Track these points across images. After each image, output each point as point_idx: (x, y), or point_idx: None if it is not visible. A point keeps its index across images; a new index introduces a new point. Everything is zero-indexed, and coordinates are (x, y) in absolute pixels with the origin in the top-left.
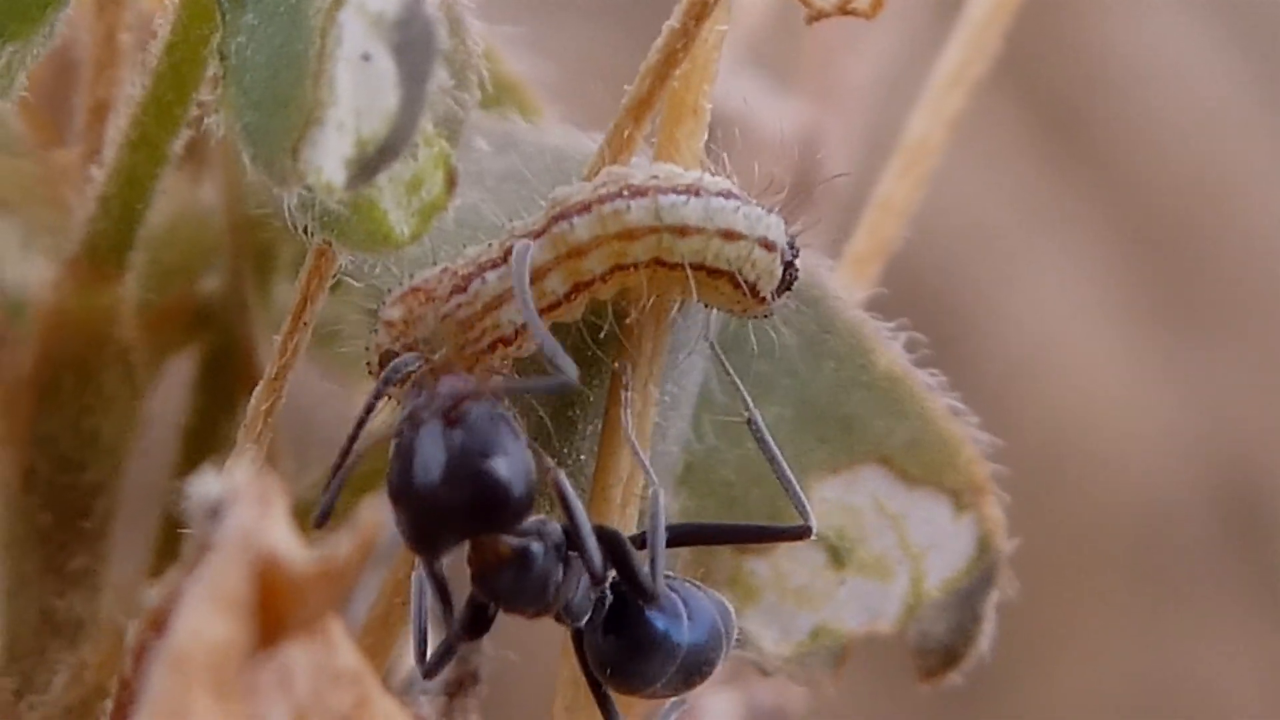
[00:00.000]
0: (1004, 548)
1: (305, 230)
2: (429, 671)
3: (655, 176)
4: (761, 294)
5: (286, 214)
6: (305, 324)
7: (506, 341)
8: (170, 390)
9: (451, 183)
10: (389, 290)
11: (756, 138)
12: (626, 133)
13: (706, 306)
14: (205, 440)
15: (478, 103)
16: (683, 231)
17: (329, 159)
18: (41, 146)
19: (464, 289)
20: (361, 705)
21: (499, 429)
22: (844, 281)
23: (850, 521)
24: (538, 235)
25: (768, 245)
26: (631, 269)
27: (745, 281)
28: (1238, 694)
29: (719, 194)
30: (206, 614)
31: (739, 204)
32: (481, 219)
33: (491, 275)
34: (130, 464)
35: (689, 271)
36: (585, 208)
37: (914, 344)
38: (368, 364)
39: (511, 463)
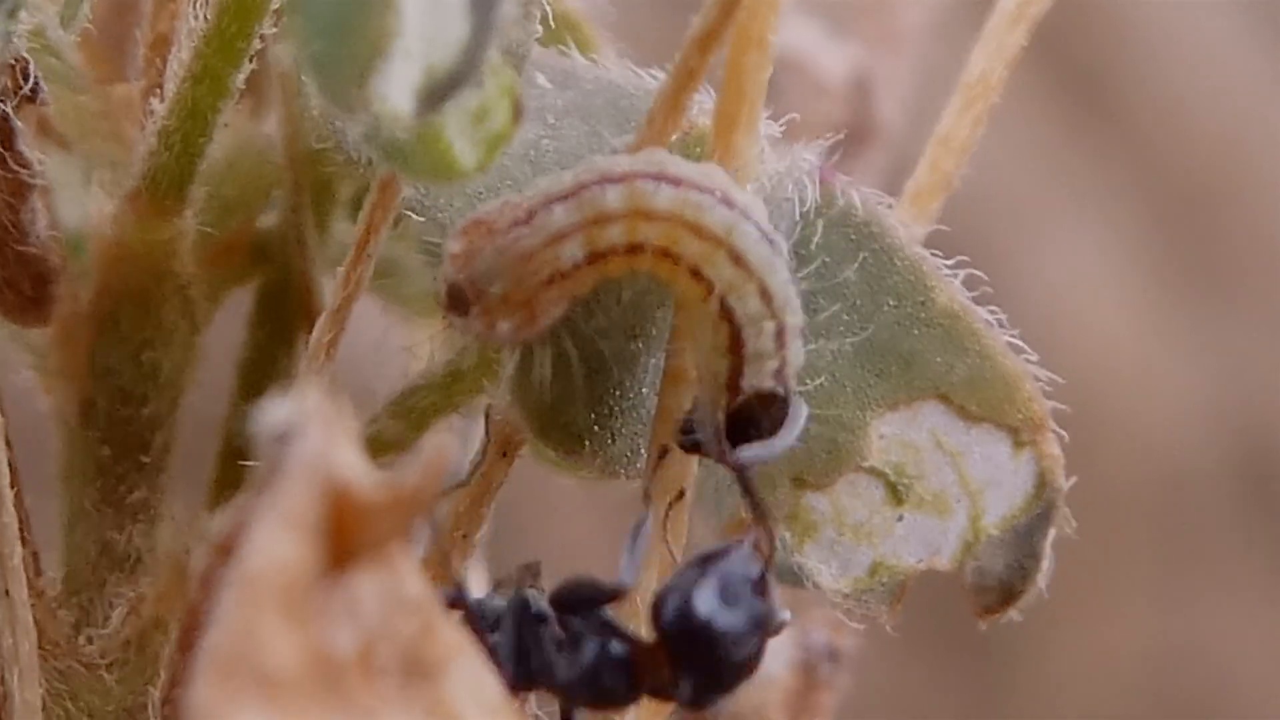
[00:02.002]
0: (1062, 485)
1: (369, 162)
2: None
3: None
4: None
5: (350, 145)
6: (369, 256)
7: (565, 276)
8: (228, 325)
9: (517, 113)
10: (453, 223)
11: (813, 81)
12: (692, 64)
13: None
14: (263, 375)
15: (538, 39)
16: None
17: (397, 88)
18: (102, 81)
19: (527, 221)
20: (427, 633)
21: None
22: (903, 219)
23: (909, 458)
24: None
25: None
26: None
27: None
28: (1254, 659)
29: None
30: (277, 536)
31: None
32: (542, 155)
33: (559, 208)
34: (189, 398)
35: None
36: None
37: (972, 281)
38: (435, 295)
39: None
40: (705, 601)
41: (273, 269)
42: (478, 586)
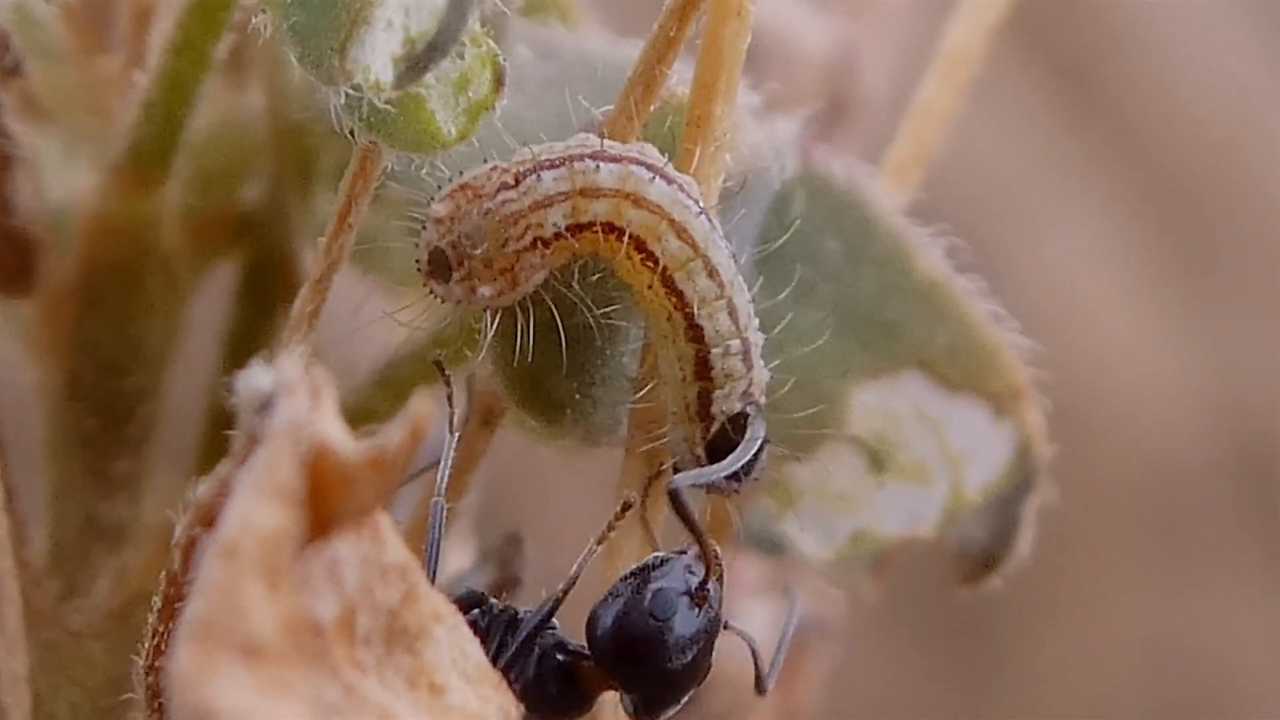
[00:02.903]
0: (1044, 453)
1: (351, 132)
2: None
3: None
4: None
5: (332, 115)
6: (350, 226)
7: (546, 243)
8: (212, 299)
9: (499, 82)
10: (439, 188)
11: (794, 52)
12: (670, 34)
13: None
14: (247, 348)
15: (519, 9)
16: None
17: (377, 57)
18: (84, 53)
19: (515, 185)
20: (409, 600)
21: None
22: (884, 188)
23: (890, 426)
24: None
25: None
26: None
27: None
28: (1249, 651)
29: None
30: (258, 503)
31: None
32: (523, 125)
33: (547, 174)
34: (173, 371)
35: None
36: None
37: (954, 250)
38: (417, 261)
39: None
40: (633, 617)
41: (255, 242)
42: (464, 558)
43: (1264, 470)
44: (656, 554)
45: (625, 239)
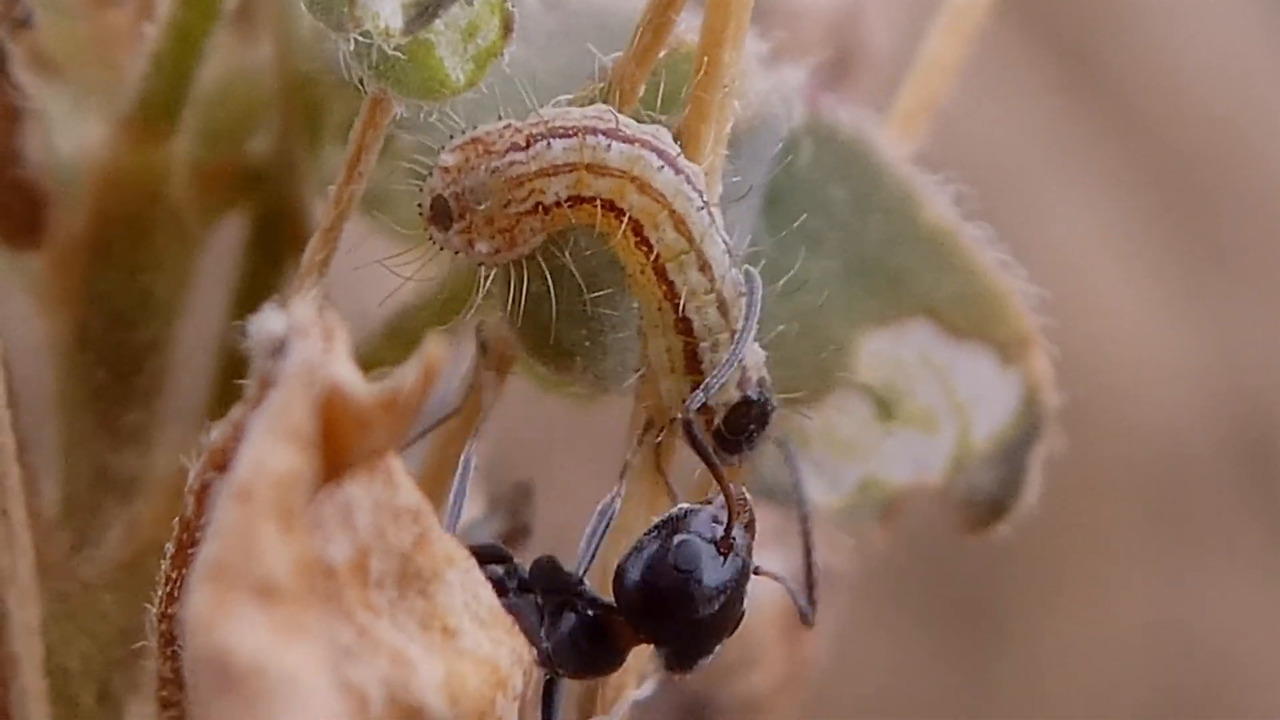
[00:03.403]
0: (1051, 401)
1: (360, 81)
2: None
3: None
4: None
5: (341, 64)
6: (360, 174)
7: (546, 209)
8: (221, 252)
9: (507, 29)
10: (450, 137)
11: (800, 2)
12: None
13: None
14: (256, 300)
15: None
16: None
17: (386, 3)
18: (93, 6)
19: (526, 147)
20: (422, 543)
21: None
22: (891, 137)
23: (898, 374)
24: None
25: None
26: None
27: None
28: (1252, 635)
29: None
30: (271, 446)
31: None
32: (532, 76)
33: (558, 143)
34: (183, 323)
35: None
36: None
37: (961, 198)
38: (419, 205)
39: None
40: (660, 569)
41: (265, 195)
42: (473, 507)
43: (1267, 453)
44: (681, 505)
45: (624, 220)
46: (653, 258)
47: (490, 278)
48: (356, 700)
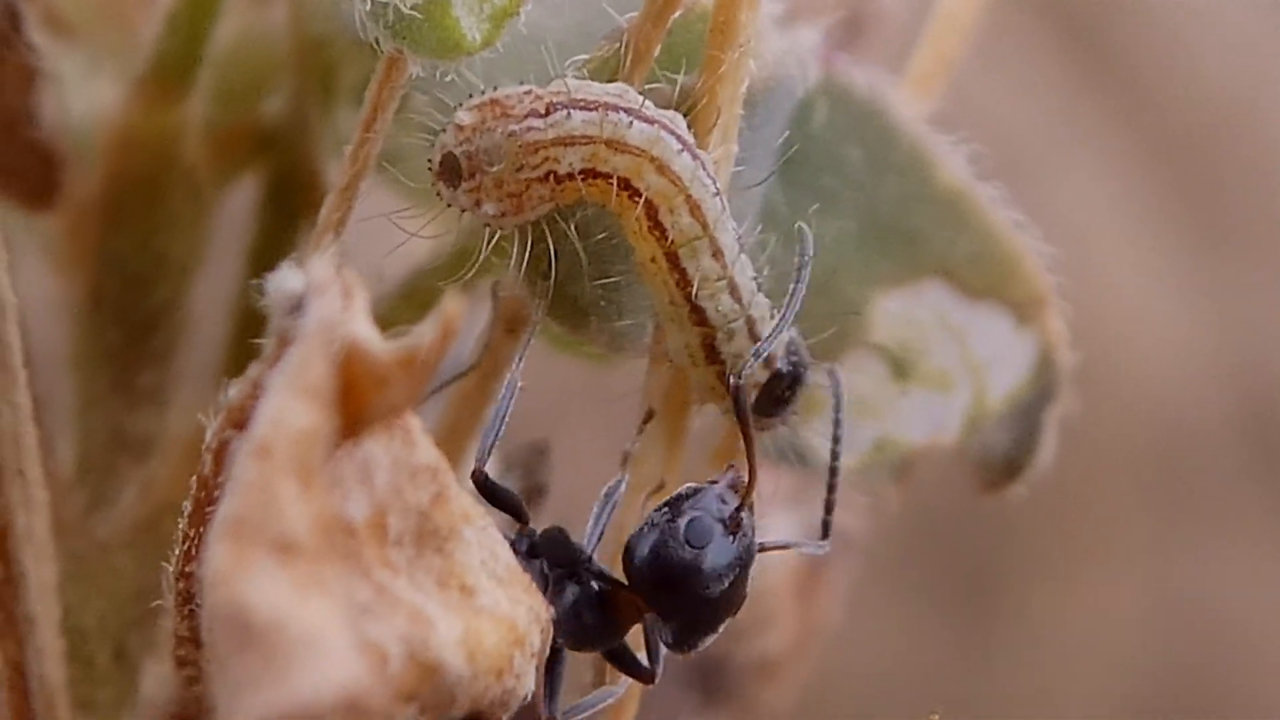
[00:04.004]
0: (1066, 360)
1: (376, 41)
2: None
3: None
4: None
5: (357, 24)
6: (375, 134)
7: (559, 179)
8: (236, 213)
9: None
10: (469, 96)
11: None
12: None
13: None
14: (270, 261)
15: None
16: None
17: None
18: None
19: (545, 115)
20: (439, 501)
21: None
22: (906, 98)
23: (913, 334)
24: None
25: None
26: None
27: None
28: (1258, 611)
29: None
30: (290, 402)
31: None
32: (547, 36)
33: (579, 115)
34: (197, 284)
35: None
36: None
37: (976, 158)
38: (429, 161)
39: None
40: (669, 545)
41: (279, 157)
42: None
43: (1273, 428)
44: (690, 484)
45: (640, 202)
46: (666, 244)
47: (505, 237)
48: (375, 657)
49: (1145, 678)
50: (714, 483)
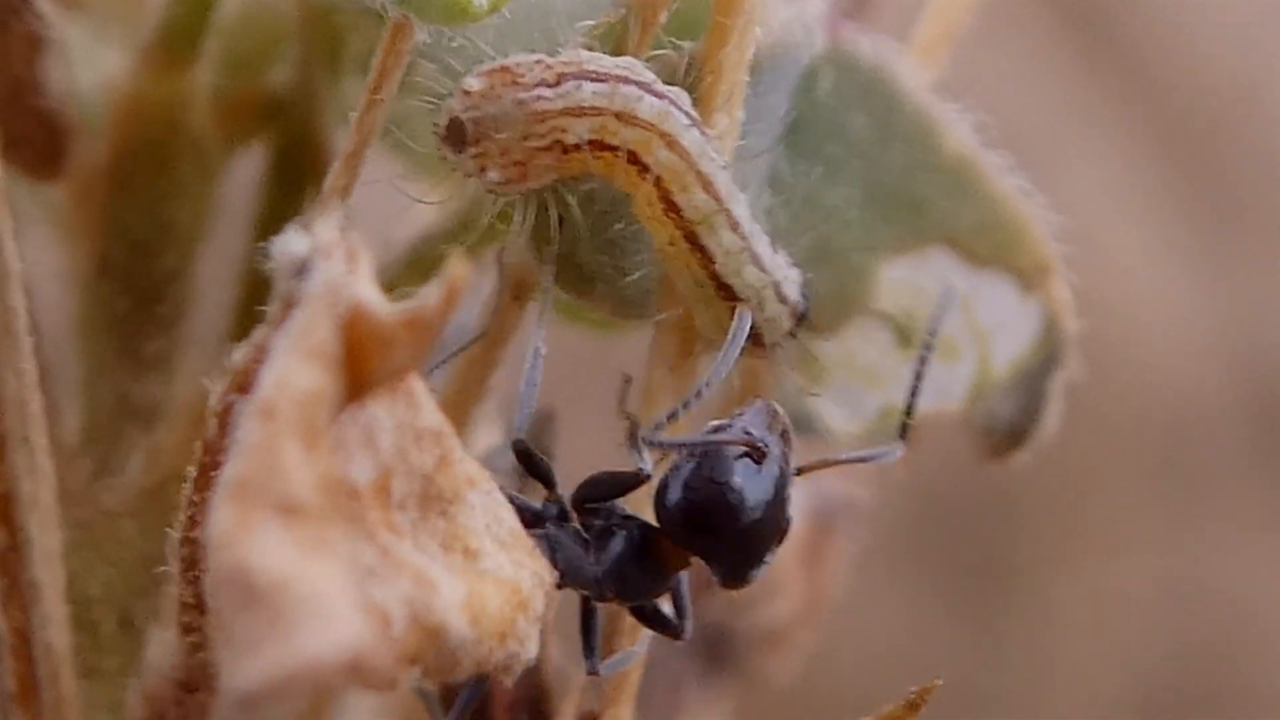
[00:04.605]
0: (1071, 328)
1: (382, 6)
2: None
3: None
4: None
5: None
6: (381, 101)
7: (565, 150)
8: (242, 182)
9: None
10: (479, 62)
11: None
12: None
13: None
14: (276, 230)
15: None
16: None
17: None
18: None
19: (555, 84)
20: (444, 464)
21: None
22: (912, 66)
23: (918, 302)
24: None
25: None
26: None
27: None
28: (1264, 593)
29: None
30: (295, 364)
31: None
32: (553, 4)
33: (590, 86)
34: (203, 252)
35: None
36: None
37: (982, 127)
38: (434, 124)
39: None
40: (697, 485)
41: (285, 126)
42: (494, 435)
43: (1278, 411)
44: (712, 421)
45: (648, 178)
46: (683, 222)
47: (511, 203)
48: (379, 620)
49: (1152, 659)
50: (740, 415)
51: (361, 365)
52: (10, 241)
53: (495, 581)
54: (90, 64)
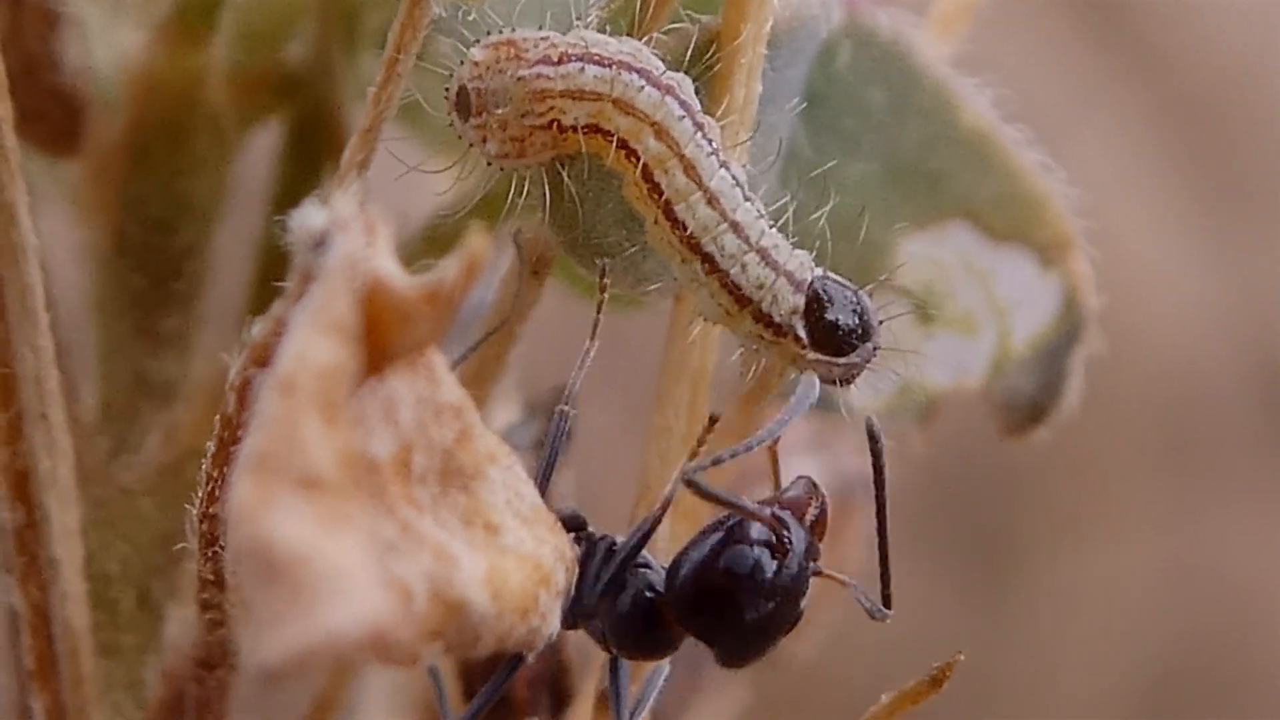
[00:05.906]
0: (1091, 302)
1: None
2: None
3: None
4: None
5: None
6: (398, 75)
7: (562, 129)
8: (258, 157)
9: None
10: (487, 33)
11: None
12: None
13: None
14: (293, 206)
15: None
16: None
17: None
18: None
19: (557, 63)
20: (464, 439)
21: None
22: (930, 40)
23: (937, 277)
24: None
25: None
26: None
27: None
28: (1269, 575)
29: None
30: (314, 338)
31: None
32: None
33: (591, 69)
34: (220, 228)
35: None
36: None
37: (1000, 100)
38: (445, 89)
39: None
40: (712, 569)
41: (301, 102)
42: (510, 413)
43: None
44: (746, 502)
45: (638, 165)
46: (661, 201)
47: (528, 179)
48: (400, 594)
49: (1158, 639)
50: (780, 497)
51: (381, 339)
52: (27, 218)
53: (517, 557)
54: (106, 40)
